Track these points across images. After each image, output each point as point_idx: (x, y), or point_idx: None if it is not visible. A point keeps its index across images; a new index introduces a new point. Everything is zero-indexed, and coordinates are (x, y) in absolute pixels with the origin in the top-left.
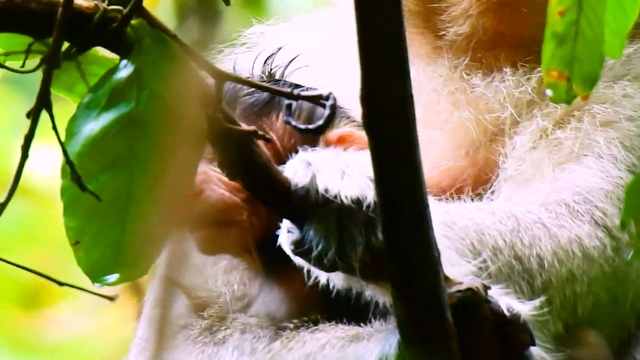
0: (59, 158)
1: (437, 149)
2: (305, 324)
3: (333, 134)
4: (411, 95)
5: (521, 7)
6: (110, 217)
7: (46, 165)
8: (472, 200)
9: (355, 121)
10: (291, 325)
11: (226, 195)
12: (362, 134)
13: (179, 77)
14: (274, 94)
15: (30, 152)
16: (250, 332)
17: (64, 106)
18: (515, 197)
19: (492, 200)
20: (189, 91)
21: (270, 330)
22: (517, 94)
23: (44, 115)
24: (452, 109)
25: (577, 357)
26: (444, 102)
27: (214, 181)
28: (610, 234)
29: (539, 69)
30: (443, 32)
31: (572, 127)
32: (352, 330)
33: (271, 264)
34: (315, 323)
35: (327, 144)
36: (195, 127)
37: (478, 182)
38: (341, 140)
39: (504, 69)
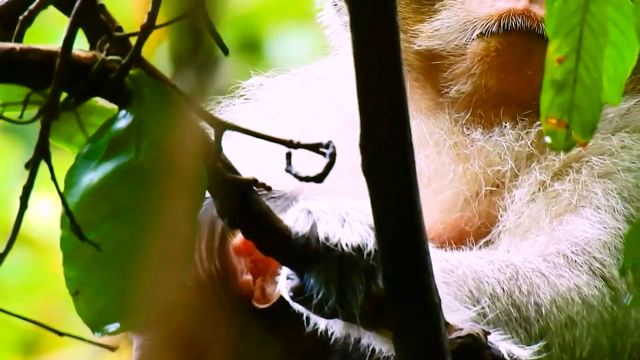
0: (59, 208)
1: (438, 202)
2: None
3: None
4: (411, 144)
5: (524, 67)
6: (112, 268)
7: (46, 215)
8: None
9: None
10: None
11: None
12: None
13: (179, 126)
14: (273, 142)
15: (30, 202)
16: None
17: (63, 157)
18: (513, 249)
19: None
20: (189, 141)
21: None
22: (517, 148)
23: (43, 165)
24: (453, 162)
25: None
26: (445, 156)
27: None
28: (608, 284)
29: (538, 122)
30: (445, 89)
31: (571, 179)
32: None
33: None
34: None
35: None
36: (196, 177)
37: (478, 234)
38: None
39: (504, 123)
